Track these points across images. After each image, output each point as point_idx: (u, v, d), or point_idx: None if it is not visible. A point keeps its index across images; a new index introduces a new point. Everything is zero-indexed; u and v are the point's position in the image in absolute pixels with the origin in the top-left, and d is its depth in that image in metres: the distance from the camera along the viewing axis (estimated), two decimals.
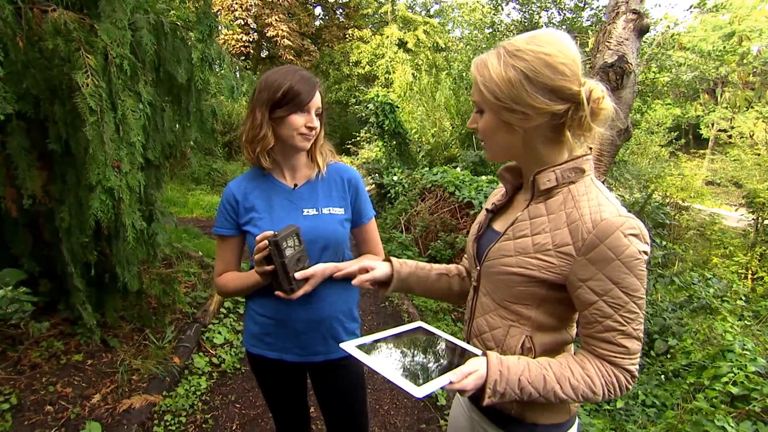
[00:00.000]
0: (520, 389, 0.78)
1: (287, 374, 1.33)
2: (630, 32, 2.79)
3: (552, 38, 0.78)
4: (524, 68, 0.76)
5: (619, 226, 0.74)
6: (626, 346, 0.77)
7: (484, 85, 0.80)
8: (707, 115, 21.07)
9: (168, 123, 2.60)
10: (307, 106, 1.13)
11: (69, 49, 1.80)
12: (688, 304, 3.88)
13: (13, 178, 1.98)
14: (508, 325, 0.88)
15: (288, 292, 1.10)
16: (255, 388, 2.60)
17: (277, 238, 1.04)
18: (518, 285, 0.84)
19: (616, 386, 0.79)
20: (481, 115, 0.85)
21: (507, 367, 0.79)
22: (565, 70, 0.76)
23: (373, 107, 8.23)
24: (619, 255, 0.74)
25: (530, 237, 0.83)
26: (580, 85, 0.78)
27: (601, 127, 0.81)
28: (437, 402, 2.60)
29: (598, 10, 9.23)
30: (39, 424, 1.95)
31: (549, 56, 0.76)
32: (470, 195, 4.98)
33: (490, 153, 0.90)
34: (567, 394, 0.78)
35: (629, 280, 0.75)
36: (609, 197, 0.80)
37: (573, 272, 0.78)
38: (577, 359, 0.81)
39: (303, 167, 1.26)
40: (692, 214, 8.18)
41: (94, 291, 2.50)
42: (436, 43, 19.61)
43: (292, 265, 1.08)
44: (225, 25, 14.31)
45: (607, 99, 0.80)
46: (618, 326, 0.77)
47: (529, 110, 0.78)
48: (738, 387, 2.26)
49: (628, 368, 0.78)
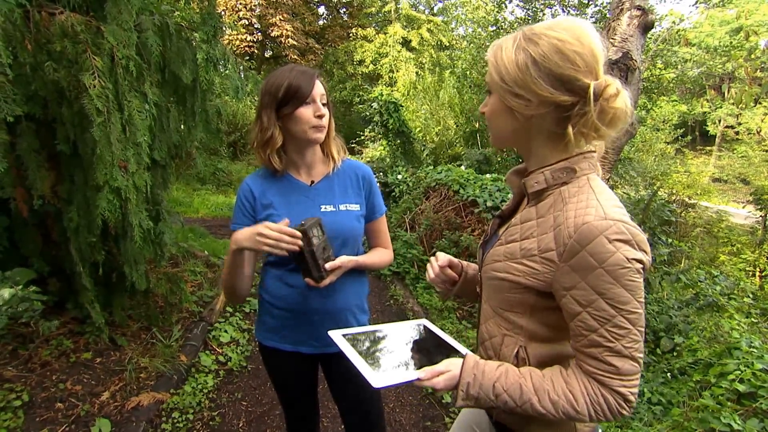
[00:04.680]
0: (495, 395, 0.75)
1: (302, 366, 1.36)
2: (634, 29, 2.78)
3: (571, 25, 0.73)
4: (534, 52, 0.72)
5: (603, 230, 0.67)
6: (615, 366, 0.70)
7: (494, 66, 0.77)
8: (714, 112, 20.91)
9: (173, 123, 2.62)
10: (311, 96, 1.15)
11: (76, 51, 1.83)
12: (694, 302, 3.86)
13: (23, 178, 2.01)
14: (503, 333, 0.85)
15: (317, 280, 1.14)
16: (261, 386, 2.62)
17: (305, 227, 1.06)
18: (506, 291, 0.81)
19: (604, 408, 0.71)
20: (489, 97, 0.83)
21: (482, 371, 0.76)
22: (576, 59, 0.71)
23: (378, 106, 8.22)
24: (603, 263, 0.67)
25: (519, 242, 0.80)
26: (594, 78, 0.71)
27: (611, 129, 0.73)
28: (442, 400, 2.61)
29: (603, 6, 9.16)
30: (50, 421, 1.98)
31: (562, 42, 0.71)
32: (475, 193, 4.97)
33: (492, 137, 0.87)
34: (545, 407, 0.73)
35: (615, 291, 0.68)
36: (603, 198, 0.73)
37: (556, 280, 0.73)
38: (564, 374, 0.75)
39: (319, 164, 1.28)
40: (699, 211, 8.09)
41: (102, 290, 2.53)
42: (440, 41, 19.55)
43: (320, 253, 1.11)
44: (229, 25, 14.35)
45: (621, 99, 0.72)
46: (604, 342, 0.69)
47: (532, 96, 0.73)
48: (745, 384, 2.25)
49: (618, 390, 0.70)
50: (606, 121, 0.72)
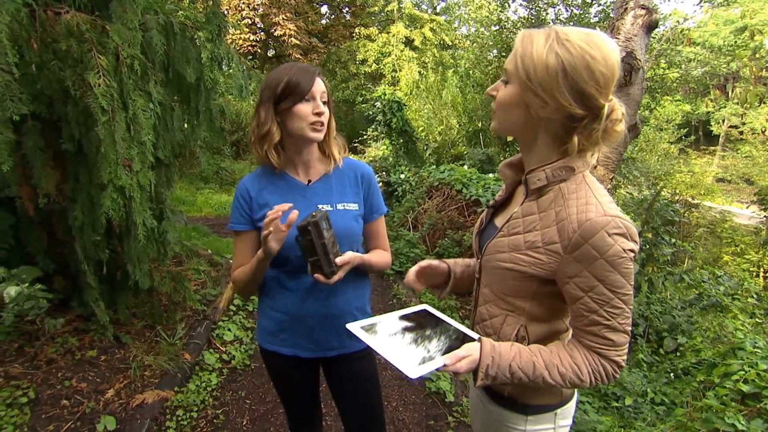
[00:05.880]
0: (510, 374, 0.83)
1: (301, 369, 1.34)
2: (638, 28, 2.78)
3: (603, 43, 0.77)
4: (565, 60, 0.75)
5: (603, 225, 0.76)
6: (612, 339, 0.81)
7: (522, 59, 0.79)
8: (718, 111, 20.79)
9: (177, 122, 2.63)
10: (311, 93, 1.14)
11: (82, 50, 1.83)
12: (698, 302, 3.85)
13: (29, 177, 2.02)
14: (504, 314, 0.93)
15: (329, 275, 1.09)
16: (265, 384, 2.63)
17: (316, 218, 1.03)
18: (511, 279, 0.88)
19: (603, 375, 0.83)
20: (505, 85, 0.85)
21: (499, 353, 0.83)
22: (600, 79, 0.76)
23: (381, 105, 8.23)
24: (603, 254, 0.77)
25: (522, 234, 0.87)
26: (606, 100, 0.78)
27: (606, 146, 0.83)
28: (445, 398, 2.61)
29: (606, 6, 9.13)
30: (56, 418, 1.99)
31: (593, 60, 0.75)
32: (477, 193, 4.97)
33: (497, 124, 0.89)
34: (555, 380, 0.83)
35: (613, 278, 0.78)
36: (598, 195, 0.81)
37: (560, 269, 0.82)
38: (567, 348, 0.85)
39: (316, 163, 1.26)
40: (702, 211, 8.05)
41: (107, 288, 2.54)
42: (443, 40, 19.52)
43: (330, 246, 1.07)
44: (233, 24, 14.39)
45: (623, 125, 0.81)
46: (603, 320, 0.80)
47: (551, 101, 0.78)
48: (749, 385, 2.24)
49: (614, 359, 0.82)
50: (605, 139, 0.82)
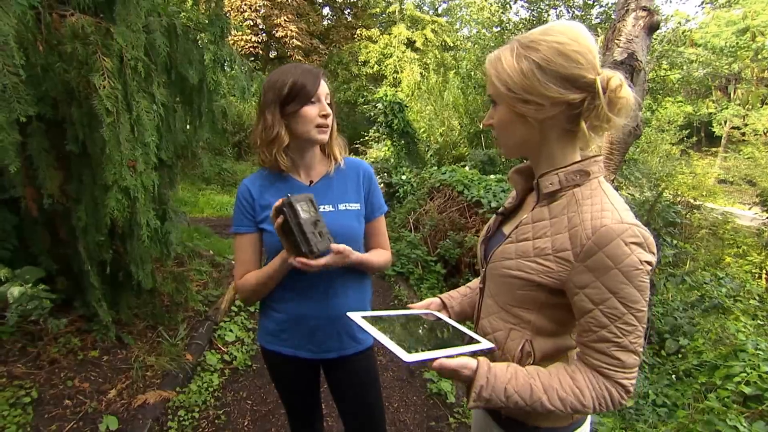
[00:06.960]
0: (506, 397, 0.77)
1: (301, 370, 1.34)
2: (640, 29, 2.78)
3: (566, 28, 0.77)
4: (537, 58, 0.75)
5: (620, 233, 0.71)
6: (621, 359, 0.74)
7: (497, 77, 0.79)
8: (720, 113, 20.75)
9: (180, 123, 2.64)
10: (316, 95, 1.13)
11: (86, 52, 1.85)
12: (699, 304, 3.84)
13: (33, 178, 2.03)
14: (509, 328, 0.87)
15: (308, 254, 1.05)
16: (266, 385, 2.64)
17: (290, 199, 1.03)
18: (518, 288, 0.83)
19: (608, 400, 0.75)
20: (495, 110, 0.84)
21: (494, 374, 0.78)
22: (579, 58, 0.74)
23: (382, 106, 8.24)
24: (618, 264, 0.71)
25: (531, 241, 0.82)
26: (596, 74, 0.76)
27: (620, 118, 0.77)
28: (446, 400, 2.61)
29: (608, 7, 9.15)
30: (58, 418, 2.00)
31: (562, 45, 0.74)
32: (479, 194, 4.97)
33: (505, 148, 0.88)
34: (554, 405, 0.76)
35: (628, 291, 0.72)
36: (615, 202, 0.76)
37: (570, 278, 0.76)
38: (569, 370, 0.79)
39: (318, 164, 1.26)
40: (704, 212, 8.03)
41: (109, 289, 2.55)
42: (444, 42, 19.52)
43: (309, 225, 1.05)
44: (235, 26, 14.42)
45: (626, 88, 0.76)
46: (613, 338, 0.74)
47: (543, 100, 0.76)
48: (751, 387, 2.24)
49: (621, 382, 0.75)
50: (615, 111, 0.76)
